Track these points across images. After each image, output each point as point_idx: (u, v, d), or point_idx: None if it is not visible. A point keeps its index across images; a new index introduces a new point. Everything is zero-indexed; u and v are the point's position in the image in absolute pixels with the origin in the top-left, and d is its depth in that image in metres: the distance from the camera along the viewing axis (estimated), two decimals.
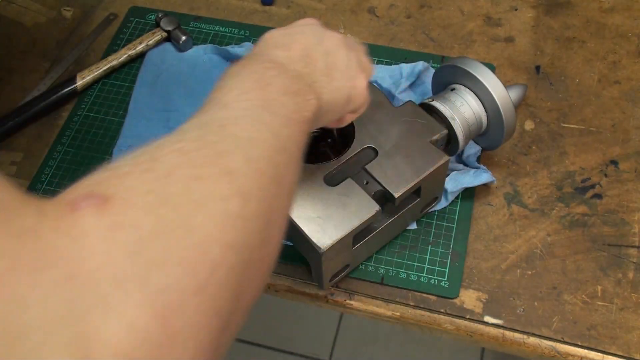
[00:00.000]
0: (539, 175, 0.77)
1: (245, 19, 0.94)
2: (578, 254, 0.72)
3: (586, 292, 0.69)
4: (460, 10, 0.93)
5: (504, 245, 0.73)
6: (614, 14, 0.91)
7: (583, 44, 0.88)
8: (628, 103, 0.82)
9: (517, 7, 0.92)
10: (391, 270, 0.71)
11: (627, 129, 0.80)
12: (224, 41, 0.91)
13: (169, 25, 0.90)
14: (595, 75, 0.85)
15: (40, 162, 0.82)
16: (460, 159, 0.77)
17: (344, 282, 0.71)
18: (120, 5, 0.97)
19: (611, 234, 0.73)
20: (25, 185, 0.80)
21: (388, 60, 0.87)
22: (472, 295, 0.70)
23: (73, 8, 0.97)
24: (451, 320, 0.69)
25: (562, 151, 0.79)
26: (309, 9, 0.94)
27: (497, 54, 0.88)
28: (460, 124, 0.70)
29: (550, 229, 0.73)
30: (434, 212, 0.75)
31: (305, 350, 1.59)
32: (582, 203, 0.75)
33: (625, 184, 0.76)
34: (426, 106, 0.71)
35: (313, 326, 1.62)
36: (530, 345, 0.67)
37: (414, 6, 0.93)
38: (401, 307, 0.70)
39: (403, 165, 0.66)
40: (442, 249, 0.72)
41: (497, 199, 0.76)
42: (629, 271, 0.70)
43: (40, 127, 0.85)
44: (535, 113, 0.82)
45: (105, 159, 0.81)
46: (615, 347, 0.66)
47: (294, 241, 0.70)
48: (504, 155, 0.79)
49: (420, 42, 0.90)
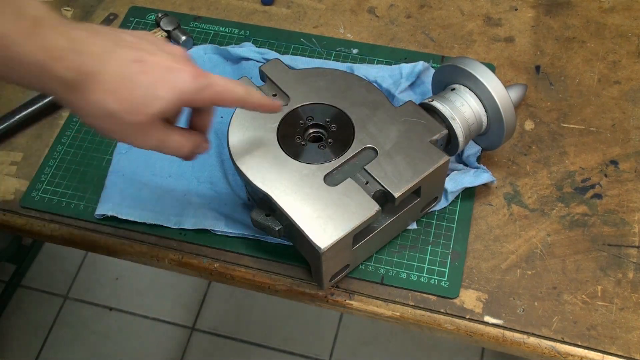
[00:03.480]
0: (539, 175, 0.77)
1: (245, 19, 0.94)
2: (578, 254, 0.72)
3: (586, 292, 0.69)
4: (460, 10, 0.93)
5: (504, 245, 0.73)
6: (614, 14, 0.91)
7: (583, 44, 0.88)
8: (628, 103, 0.82)
9: (517, 7, 0.92)
10: (391, 270, 0.71)
11: (627, 129, 0.80)
12: (224, 41, 0.91)
13: (169, 25, 0.90)
14: (595, 75, 0.85)
15: (40, 162, 0.82)
16: (460, 159, 0.77)
17: (344, 282, 0.71)
18: (120, 5, 0.97)
19: (611, 234, 0.73)
20: (25, 186, 0.80)
21: (388, 60, 0.87)
22: (472, 295, 0.70)
23: (73, 8, 0.97)
24: (451, 320, 0.69)
25: (562, 151, 0.79)
26: (309, 9, 0.94)
27: (497, 54, 0.88)
28: (460, 124, 0.70)
29: (550, 229, 0.73)
30: (434, 212, 0.75)
31: (305, 350, 1.59)
32: (582, 203, 0.75)
33: (625, 184, 0.76)
34: (426, 106, 0.71)
35: (313, 326, 1.62)
36: (530, 345, 0.67)
37: (414, 6, 0.93)
38: (401, 307, 0.70)
39: (403, 165, 0.66)
40: (442, 249, 0.72)
41: (497, 199, 0.76)
42: (629, 271, 0.70)
43: (40, 127, 0.85)
44: (535, 113, 0.82)
45: (105, 159, 0.81)
46: (615, 347, 0.66)
47: (294, 241, 0.70)
48: (504, 155, 0.79)
49: (420, 42, 0.90)
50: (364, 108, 0.70)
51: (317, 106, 0.71)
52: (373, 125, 0.69)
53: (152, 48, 0.54)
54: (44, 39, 0.48)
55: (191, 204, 0.75)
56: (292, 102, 0.71)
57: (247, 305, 1.64)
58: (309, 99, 0.72)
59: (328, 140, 0.69)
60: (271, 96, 0.72)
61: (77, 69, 0.49)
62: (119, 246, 0.76)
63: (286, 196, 0.64)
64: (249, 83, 0.72)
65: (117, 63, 0.51)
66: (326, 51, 0.89)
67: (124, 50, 0.52)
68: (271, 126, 0.69)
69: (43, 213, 0.78)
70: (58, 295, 1.71)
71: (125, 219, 0.75)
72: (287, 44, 0.90)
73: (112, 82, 0.51)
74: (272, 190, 0.65)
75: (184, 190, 0.76)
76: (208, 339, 1.62)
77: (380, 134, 0.68)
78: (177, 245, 0.75)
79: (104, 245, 0.76)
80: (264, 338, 1.61)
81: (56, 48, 0.49)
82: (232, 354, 1.60)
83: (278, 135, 0.69)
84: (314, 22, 0.93)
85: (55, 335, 1.65)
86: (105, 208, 0.76)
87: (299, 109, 0.71)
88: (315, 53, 0.89)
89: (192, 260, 0.74)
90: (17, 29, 0.47)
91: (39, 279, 1.73)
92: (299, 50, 0.89)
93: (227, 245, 0.74)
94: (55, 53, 0.49)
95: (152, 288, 1.70)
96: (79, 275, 1.74)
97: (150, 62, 0.52)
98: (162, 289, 1.70)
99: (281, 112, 0.70)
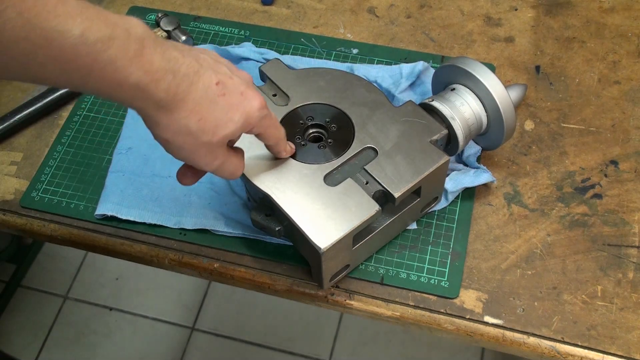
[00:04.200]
0: (539, 175, 0.77)
1: (245, 19, 0.94)
2: (578, 254, 0.72)
3: (586, 292, 0.69)
4: (460, 10, 0.93)
5: (504, 245, 0.73)
6: (614, 14, 0.91)
7: (583, 44, 0.88)
8: (628, 103, 0.82)
9: (517, 7, 0.92)
10: (391, 270, 0.71)
11: (627, 129, 0.80)
12: (224, 41, 0.91)
13: (169, 25, 0.90)
14: (595, 75, 0.85)
15: (40, 162, 0.82)
16: (460, 159, 0.77)
17: (344, 282, 0.71)
18: (120, 5, 0.97)
19: (611, 234, 0.73)
20: (25, 186, 0.80)
21: (388, 60, 0.87)
22: (472, 295, 0.70)
23: None
24: (451, 320, 0.69)
25: (562, 151, 0.79)
26: (309, 9, 0.94)
27: (497, 54, 0.88)
28: (460, 124, 0.70)
29: (550, 229, 0.73)
30: (434, 212, 0.75)
31: (305, 350, 1.59)
32: (582, 203, 0.75)
33: (625, 184, 0.76)
34: (426, 106, 0.71)
35: (313, 326, 1.62)
36: (530, 345, 0.67)
37: (414, 6, 0.93)
38: (401, 307, 0.70)
39: (403, 165, 0.66)
40: (442, 249, 0.72)
41: (497, 199, 0.76)
42: (629, 271, 0.70)
43: (40, 127, 0.85)
44: (535, 113, 0.82)
45: (105, 159, 0.81)
46: (615, 347, 0.66)
47: (294, 241, 0.70)
48: (504, 155, 0.79)
49: (420, 42, 0.90)
50: (364, 108, 0.70)
51: (317, 106, 0.71)
52: (373, 125, 0.69)
53: (227, 71, 0.56)
54: (146, 62, 0.49)
55: (191, 204, 0.75)
56: (292, 102, 0.71)
57: (247, 305, 1.64)
58: (309, 99, 0.72)
59: (328, 140, 0.69)
60: (271, 96, 0.72)
61: (172, 90, 0.51)
62: (119, 246, 0.76)
63: (286, 196, 0.64)
64: None
65: (203, 86, 0.53)
66: (326, 51, 0.89)
67: (207, 73, 0.53)
68: None
69: (43, 213, 0.78)
70: (58, 295, 1.71)
71: (125, 219, 0.75)
72: (287, 44, 0.90)
73: (198, 103, 0.52)
74: (272, 190, 0.65)
75: (184, 190, 0.76)
76: (208, 339, 1.62)
77: (380, 134, 0.68)
78: (177, 245, 0.75)
79: (104, 245, 0.76)
80: (264, 338, 1.61)
81: (157, 70, 0.49)
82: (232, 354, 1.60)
83: None
84: (314, 22, 0.93)
85: (55, 335, 1.65)
86: (105, 208, 0.76)
87: (299, 109, 0.71)
88: (315, 53, 0.89)
89: (192, 260, 0.74)
90: (125, 53, 0.47)
91: (39, 279, 1.73)
92: (299, 50, 0.89)
93: (227, 245, 0.74)
94: (156, 75, 0.49)
95: (152, 288, 1.70)
96: (79, 275, 1.74)
97: (229, 85, 0.55)
98: (162, 289, 1.70)
99: (281, 112, 0.71)
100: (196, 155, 0.55)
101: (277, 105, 0.71)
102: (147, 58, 0.49)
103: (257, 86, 0.72)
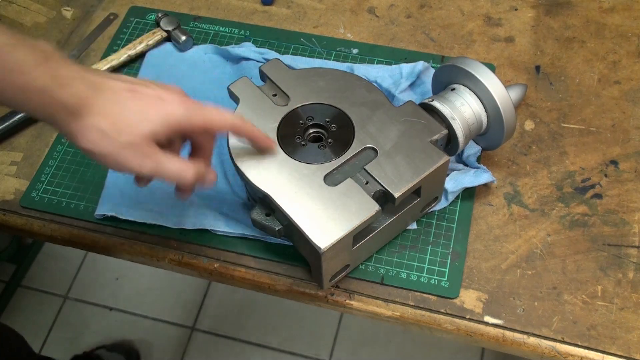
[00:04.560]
0: (539, 175, 0.77)
1: (245, 19, 0.94)
2: (578, 254, 0.72)
3: (586, 292, 0.69)
4: (460, 10, 0.93)
5: (504, 245, 0.73)
6: (614, 14, 0.91)
7: (583, 44, 0.88)
8: (628, 103, 0.82)
9: (517, 7, 0.92)
10: (391, 270, 0.71)
11: (627, 129, 0.80)
12: (224, 41, 0.91)
13: (169, 25, 0.90)
14: (595, 75, 0.85)
15: (40, 162, 0.82)
16: (460, 159, 0.77)
17: (344, 282, 0.71)
18: (120, 5, 0.97)
19: (611, 234, 0.73)
20: (25, 186, 0.80)
21: (388, 60, 0.87)
22: (472, 295, 0.70)
23: (73, 8, 0.97)
24: (451, 320, 0.69)
25: (562, 151, 0.79)
26: (309, 9, 0.94)
27: (497, 54, 0.88)
28: (460, 124, 0.70)
29: (550, 229, 0.73)
30: (434, 212, 0.75)
31: (305, 350, 1.59)
32: (582, 203, 0.75)
33: (625, 184, 0.76)
34: (426, 106, 0.71)
35: (313, 326, 1.62)
36: (530, 345, 0.67)
37: (414, 6, 0.93)
38: (401, 307, 0.70)
39: (403, 165, 0.66)
40: (442, 249, 0.72)
41: (497, 199, 0.76)
42: (629, 271, 0.70)
43: (40, 127, 0.85)
44: (535, 113, 0.82)
45: None
46: (615, 347, 0.66)
47: (294, 241, 0.70)
48: (504, 155, 0.79)
49: (420, 42, 0.90)
50: (364, 108, 0.70)
51: (317, 106, 0.71)
52: (373, 125, 0.69)
53: (147, 84, 0.59)
54: (52, 69, 0.53)
55: (191, 204, 0.75)
56: (292, 102, 0.71)
57: (247, 305, 1.64)
58: (309, 99, 0.72)
59: (328, 140, 0.69)
60: (271, 96, 0.72)
61: (79, 94, 0.54)
62: (119, 246, 0.76)
63: (286, 196, 0.64)
64: (249, 83, 0.72)
65: (112, 90, 0.56)
66: (326, 51, 0.89)
67: (119, 82, 0.57)
68: (271, 126, 0.69)
69: (43, 213, 0.78)
70: (58, 295, 1.70)
71: (125, 219, 0.75)
72: (287, 44, 0.90)
73: (106, 106, 0.55)
74: (272, 190, 0.64)
75: None
76: (208, 339, 1.62)
77: (380, 134, 0.68)
78: (177, 245, 0.75)
79: (104, 245, 0.76)
80: (264, 338, 1.61)
81: (63, 77, 0.53)
82: (232, 354, 1.60)
83: (278, 135, 0.69)
84: (314, 22, 0.93)
85: (55, 335, 1.65)
86: (105, 208, 0.76)
87: (299, 109, 0.71)
88: (315, 53, 0.89)
89: (192, 260, 0.74)
90: (31, 59, 0.52)
91: (39, 279, 1.73)
92: (299, 50, 0.89)
93: (227, 245, 0.74)
94: (62, 81, 0.53)
95: (152, 288, 1.70)
96: (79, 275, 1.74)
97: (142, 92, 0.57)
98: (162, 289, 1.70)
99: (281, 112, 0.70)
100: (124, 158, 0.56)
101: (277, 105, 0.71)
102: (52, 65, 0.53)
103: (257, 86, 0.73)
